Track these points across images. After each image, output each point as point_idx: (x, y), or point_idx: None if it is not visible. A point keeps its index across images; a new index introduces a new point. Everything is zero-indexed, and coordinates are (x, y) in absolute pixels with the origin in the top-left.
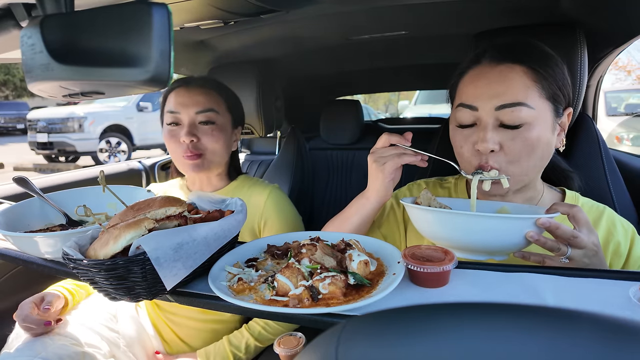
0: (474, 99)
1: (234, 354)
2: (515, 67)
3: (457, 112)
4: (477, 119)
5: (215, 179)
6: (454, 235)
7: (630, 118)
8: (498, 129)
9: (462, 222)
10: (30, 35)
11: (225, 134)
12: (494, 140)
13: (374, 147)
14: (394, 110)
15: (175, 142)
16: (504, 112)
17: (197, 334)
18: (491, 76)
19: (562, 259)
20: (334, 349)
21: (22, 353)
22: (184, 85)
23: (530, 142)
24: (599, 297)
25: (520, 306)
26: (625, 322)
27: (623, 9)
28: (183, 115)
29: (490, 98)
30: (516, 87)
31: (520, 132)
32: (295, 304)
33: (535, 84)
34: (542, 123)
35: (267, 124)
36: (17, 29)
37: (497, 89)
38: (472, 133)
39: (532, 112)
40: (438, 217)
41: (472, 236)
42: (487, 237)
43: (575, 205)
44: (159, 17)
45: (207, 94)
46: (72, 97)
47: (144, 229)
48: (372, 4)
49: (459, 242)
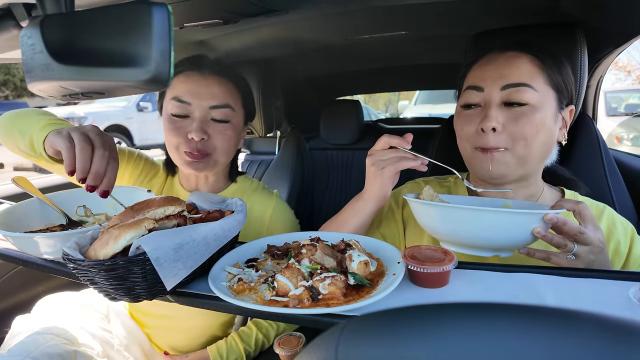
0: (481, 80)
1: (245, 350)
2: (522, 54)
3: (464, 95)
4: (483, 100)
5: (212, 178)
6: (460, 231)
7: (630, 118)
8: (502, 108)
9: (468, 217)
10: (31, 35)
11: (237, 133)
12: (497, 119)
13: (373, 148)
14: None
15: (178, 136)
16: (509, 92)
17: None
18: (499, 62)
19: (568, 255)
20: (334, 349)
21: (14, 353)
22: (196, 70)
23: (535, 124)
24: (599, 297)
25: (520, 306)
26: (625, 322)
27: (623, 9)
28: (195, 107)
29: (497, 79)
30: (522, 70)
31: (524, 113)
32: (295, 304)
33: (541, 71)
34: (545, 108)
35: (267, 124)
36: (17, 29)
37: (503, 71)
38: (475, 115)
39: (536, 94)
40: (443, 212)
41: (478, 232)
42: (493, 233)
43: (581, 202)
44: (159, 17)
45: (225, 86)
46: (72, 97)
47: (144, 229)
48: (372, 4)
49: (465, 238)
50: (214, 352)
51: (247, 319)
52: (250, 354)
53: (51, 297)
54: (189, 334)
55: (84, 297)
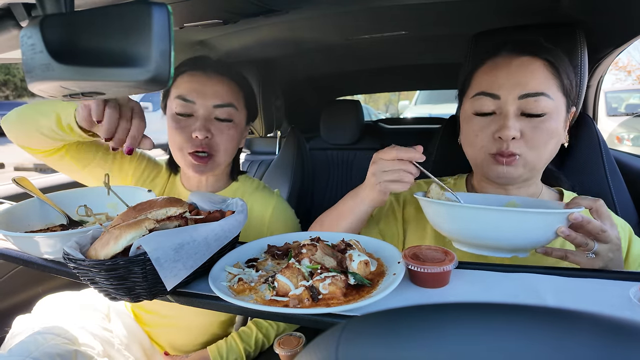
0: (496, 87)
1: (246, 350)
2: (536, 60)
3: (476, 101)
4: (498, 108)
5: (213, 178)
6: (481, 231)
7: (631, 118)
8: (520, 117)
9: (491, 218)
10: (30, 35)
11: (240, 132)
12: (516, 128)
13: (379, 155)
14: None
15: (182, 135)
16: (527, 101)
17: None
18: (512, 67)
19: (588, 254)
20: (334, 349)
21: (14, 353)
22: (200, 70)
23: (550, 132)
24: (599, 297)
25: (520, 306)
26: (625, 322)
27: (623, 9)
28: (199, 106)
29: (513, 87)
30: (538, 78)
31: (542, 122)
32: (296, 304)
33: (554, 77)
34: (559, 115)
35: (267, 124)
36: (17, 29)
37: (519, 78)
38: (490, 122)
39: (552, 103)
40: (466, 214)
41: (500, 232)
42: (516, 233)
43: (599, 199)
44: (159, 17)
45: (227, 85)
46: (72, 97)
47: (145, 229)
48: (372, 4)
49: (484, 239)
50: (214, 351)
51: (248, 318)
52: (250, 353)
53: (51, 297)
54: (190, 332)
55: (84, 296)
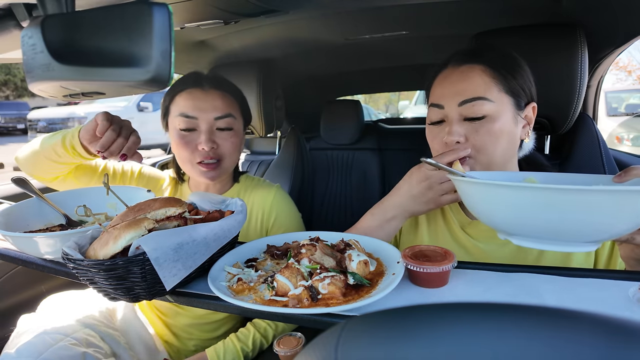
0: (440, 98)
1: (243, 350)
2: (475, 66)
3: (430, 112)
4: (444, 116)
5: (220, 184)
6: (560, 221)
7: (631, 118)
8: (463, 122)
9: (583, 200)
10: (31, 35)
11: (240, 138)
12: (459, 133)
13: (428, 173)
14: (395, 110)
15: (189, 149)
16: (466, 107)
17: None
18: (454, 77)
19: None
20: (334, 349)
21: (22, 354)
22: (198, 87)
23: (494, 133)
24: (599, 297)
25: (520, 306)
26: (625, 322)
27: (623, 9)
28: (201, 120)
29: (454, 96)
30: (475, 84)
31: (483, 124)
32: (295, 304)
33: (494, 80)
34: (503, 116)
35: (267, 124)
36: (18, 29)
37: (459, 87)
38: (440, 129)
39: (493, 105)
40: (550, 197)
41: (594, 216)
42: (614, 219)
43: None
44: (159, 17)
45: (224, 97)
46: (72, 97)
47: (144, 229)
48: (372, 4)
49: (561, 229)
50: (212, 353)
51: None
52: (249, 354)
53: (56, 296)
54: (209, 323)
55: (88, 295)
